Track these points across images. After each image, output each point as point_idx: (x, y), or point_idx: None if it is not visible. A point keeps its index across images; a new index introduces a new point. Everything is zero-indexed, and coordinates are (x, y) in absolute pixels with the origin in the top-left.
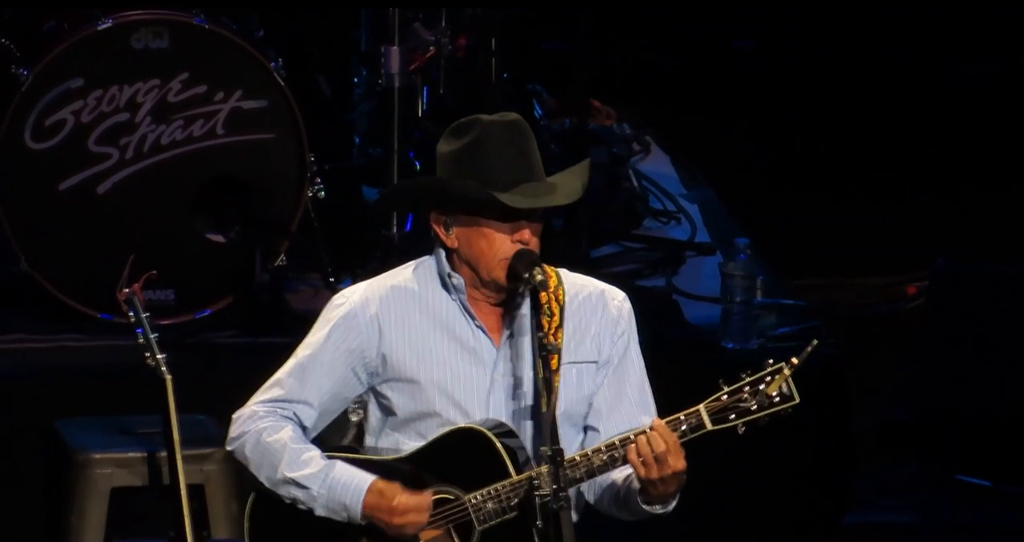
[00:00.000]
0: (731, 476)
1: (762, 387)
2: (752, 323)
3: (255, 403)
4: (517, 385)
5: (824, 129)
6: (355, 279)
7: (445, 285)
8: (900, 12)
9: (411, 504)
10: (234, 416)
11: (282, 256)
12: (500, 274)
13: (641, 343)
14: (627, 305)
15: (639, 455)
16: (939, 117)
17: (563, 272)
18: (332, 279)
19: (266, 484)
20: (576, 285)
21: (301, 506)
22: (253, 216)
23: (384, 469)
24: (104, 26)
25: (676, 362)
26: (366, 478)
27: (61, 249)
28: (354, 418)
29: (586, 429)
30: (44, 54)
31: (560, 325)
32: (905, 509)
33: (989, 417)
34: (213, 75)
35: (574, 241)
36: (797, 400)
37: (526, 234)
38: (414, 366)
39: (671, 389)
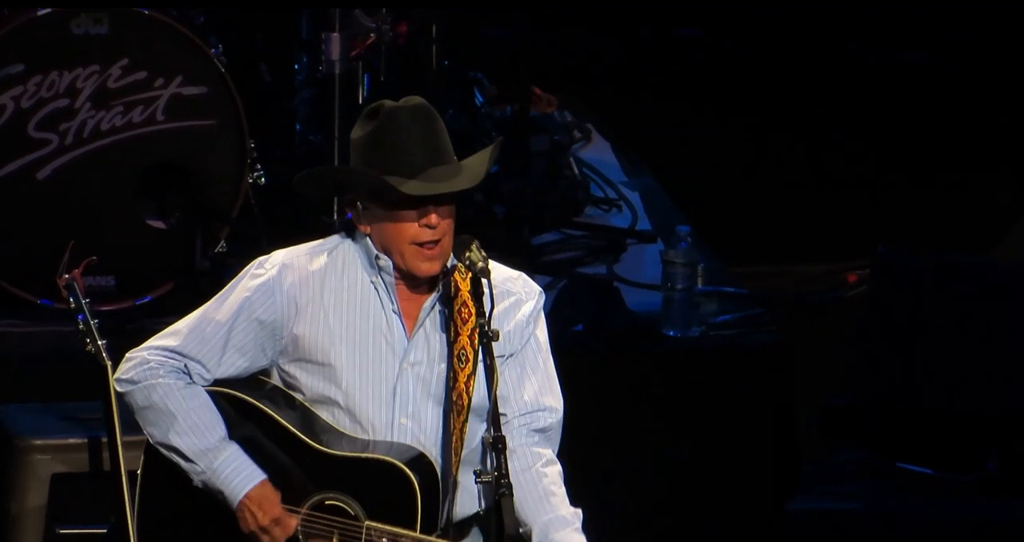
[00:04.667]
0: (674, 464)
1: None
2: (693, 311)
3: (149, 348)
4: (427, 375)
5: (766, 117)
6: None
7: (372, 266)
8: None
9: (280, 521)
10: (128, 355)
11: (222, 242)
12: (412, 260)
13: (582, 329)
14: (540, 302)
15: None
16: (878, 106)
17: (492, 264)
18: None
19: (150, 440)
20: (499, 280)
21: (179, 469)
22: (193, 202)
23: (302, 452)
24: (44, 11)
25: (617, 349)
26: (253, 478)
27: (0, 235)
28: None
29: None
30: None
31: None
32: (847, 496)
33: (931, 405)
34: (153, 61)
35: (515, 229)
36: None
37: (433, 218)
38: (325, 349)
39: (612, 376)
